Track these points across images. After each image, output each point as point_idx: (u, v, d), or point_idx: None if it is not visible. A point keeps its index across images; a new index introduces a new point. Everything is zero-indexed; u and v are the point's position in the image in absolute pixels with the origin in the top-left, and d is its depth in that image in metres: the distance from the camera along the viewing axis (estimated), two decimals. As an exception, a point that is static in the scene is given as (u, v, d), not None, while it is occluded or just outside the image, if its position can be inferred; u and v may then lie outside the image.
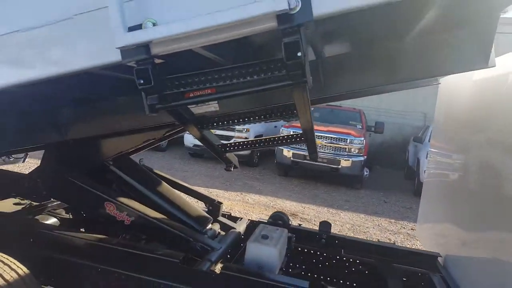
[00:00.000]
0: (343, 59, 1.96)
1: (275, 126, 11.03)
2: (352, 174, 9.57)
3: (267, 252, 2.24)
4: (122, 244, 2.28)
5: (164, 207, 2.57)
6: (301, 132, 2.23)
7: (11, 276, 1.97)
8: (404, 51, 1.81)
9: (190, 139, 10.82)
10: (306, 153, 9.64)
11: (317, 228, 2.99)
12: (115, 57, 1.20)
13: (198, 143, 10.11)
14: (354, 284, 2.82)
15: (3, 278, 1.93)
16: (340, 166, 9.48)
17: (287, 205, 7.52)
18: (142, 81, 1.24)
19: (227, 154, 2.61)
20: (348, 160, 9.45)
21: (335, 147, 9.59)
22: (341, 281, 2.80)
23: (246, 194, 7.93)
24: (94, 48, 1.26)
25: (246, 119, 2.08)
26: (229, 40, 1.14)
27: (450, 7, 1.61)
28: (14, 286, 1.93)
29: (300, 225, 3.22)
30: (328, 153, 9.61)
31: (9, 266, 1.99)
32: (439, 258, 2.71)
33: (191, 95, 1.41)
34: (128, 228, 2.38)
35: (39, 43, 1.32)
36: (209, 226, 2.72)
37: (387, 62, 1.84)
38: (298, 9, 1.03)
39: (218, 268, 2.28)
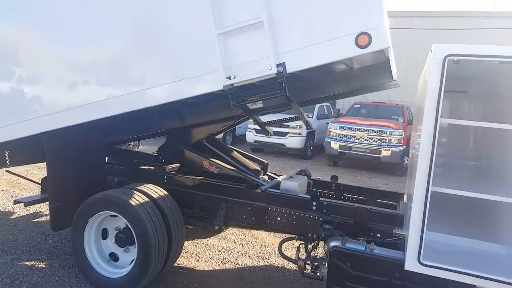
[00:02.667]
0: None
1: (327, 123, 12.60)
2: (392, 162, 10.86)
3: (290, 184, 4.04)
4: (212, 181, 4.21)
5: (234, 164, 4.49)
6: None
7: (159, 195, 3.95)
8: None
9: (251, 136, 12.88)
10: (351, 145, 11.22)
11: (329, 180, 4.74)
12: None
13: (259, 139, 12.15)
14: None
15: (152, 197, 3.86)
16: (381, 155, 10.85)
17: (331, 186, 9.14)
18: (230, 96, 3.06)
19: (267, 127, 4.34)
20: (388, 150, 10.77)
21: (376, 138, 10.96)
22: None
23: (297, 178, 9.71)
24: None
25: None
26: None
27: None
28: (159, 201, 3.86)
29: (319, 178, 4.98)
30: (370, 144, 11.02)
31: (156, 191, 3.95)
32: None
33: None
34: (214, 174, 4.32)
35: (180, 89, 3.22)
36: (261, 176, 4.59)
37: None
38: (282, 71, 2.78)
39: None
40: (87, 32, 3.45)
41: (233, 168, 4.36)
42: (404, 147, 10.83)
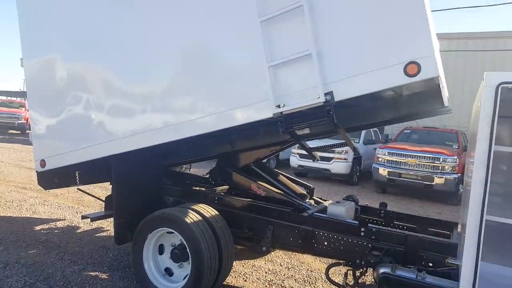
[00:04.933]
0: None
1: (374, 148, 12.36)
2: (446, 191, 10.36)
3: (337, 209, 4.05)
4: (260, 203, 4.33)
5: (281, 187, 4.59)
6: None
7: (211, 215, 4.13)
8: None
9: (295, 161, 12.91)
10: (401, 171, 10.89)
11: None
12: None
13: (303, 163, 12.12)
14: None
15: (205, 216, 4.06)
16: (434, 183, 10.40)
17: (379, 213, 8.88)
18: (279, 123, 3.23)
19: (314, 152, 4.43)
20: (442, 177, 10.32)
21: (429, 165, 10.56)
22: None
23: (343, 204, 9.54)
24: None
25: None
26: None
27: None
28: (211, 221, 4.05)
29: (367, 205, 4.92)
30: (422, 171, 10.63)
31: (208, 211, 4.15)
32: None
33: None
34: (262, 197, 4.44)
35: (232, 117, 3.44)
36: (307, 200, 4.64)
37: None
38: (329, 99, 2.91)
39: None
40: (147, 67, 3.91)
41: (280, 191, 4.46)
42: (459, 174, 10.31)
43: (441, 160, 10.46)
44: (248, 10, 3.21)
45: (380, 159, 11.42)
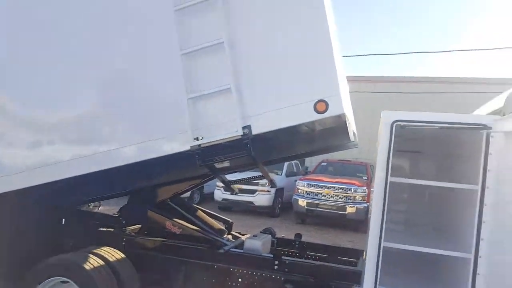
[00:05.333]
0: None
1: (295, 180, 12.80)
2: (357, 219, 11.04)
3: (254, 243, 4.04)
4: (173, 242, 4.12)
5: (198, 223, 4.45)
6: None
7: (116, 259, 3.80)
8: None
9: (219, 194, 12.77)
10: (318, 202, 11.38)
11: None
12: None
13: (227, 197, 11.99)
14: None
15: (108, 262, 3.70)
16: (346, 212, 11.03)
17: (298, 244, 9.09)
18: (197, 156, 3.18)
19: (232, 185, 4.42)
20: (353, 207, 11.01)
21: (342, 195, 11.22)
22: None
23: (265, 236, 9.59)
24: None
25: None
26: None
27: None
28: (116, 266, 3.70)
29: (283, 236, 5.00)
30: (336, 201, 11.23)
31: (113, 255, 3.81)
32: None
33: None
34: (177, 235, 4.26)
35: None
36: (225, 235, 4.56)
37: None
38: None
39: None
40: (59, 95, 3.62)
41: (196, 228, 4.32)
42: (368, 204, 11.09)
43: (352, 190, 11.19)
44: (170, 43, 3.23)
45: (299, 190, 11.84)
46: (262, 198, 12.56)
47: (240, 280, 3.71)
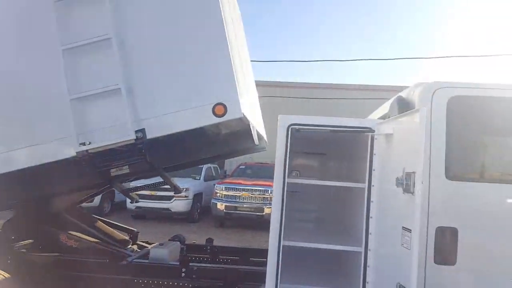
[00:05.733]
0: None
1: (214, 184, 12.70)
2: (275, 219, 11.34)
3: (160, 252, 3.88)
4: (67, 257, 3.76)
5: (98, 235, 4.14)
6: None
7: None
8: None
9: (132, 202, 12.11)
10: (237, 205, 11.44)
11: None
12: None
13: (140, 205, 11.28)
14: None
15: None
16: (264, 213, 11.27)
17: (216, 249, 9.02)
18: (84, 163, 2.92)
19: (131, 194, 4.20)
20: (270, 207, 11.23)
21: (259, 197, 11.44)
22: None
23: (181, 244, 9.34)
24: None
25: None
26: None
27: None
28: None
29: (194, 242, 4.90)
30: (254, 202, 11.42)
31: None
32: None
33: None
34: (75, 249, 3.90)
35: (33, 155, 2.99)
36: (129, 246, 4.31)
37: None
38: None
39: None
40: None
41: (96, 240, 4.02)
42: (284, 204, 11.46)
43: (269, 192, 11.46)
44: (50, 37, 2.91)
45: (218, 194, 11.79)
46: (179, 204, 12.22)
47: (147, 291, 3.53)
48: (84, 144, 2.83)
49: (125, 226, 4.70)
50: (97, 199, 12.05)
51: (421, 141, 2.09)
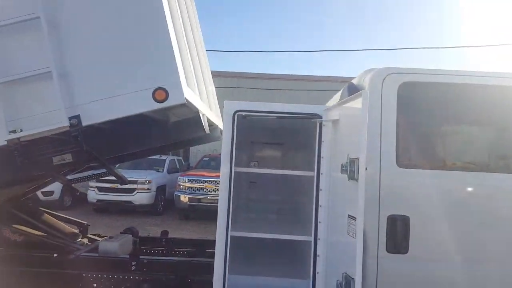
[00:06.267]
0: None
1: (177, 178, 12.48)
2: (240, 210, 11.32)
3: (109, 245, 3.70)
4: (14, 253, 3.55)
5: (45, 229, 3.91)
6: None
7: None
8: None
9: (93, 195, 11.72)
10: (201, 197, 11.29)
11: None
12: None
13: (102, 198, 10.92)
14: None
15: None
16: (229, 205, 11.19)
17: (178, 241, 8.87)
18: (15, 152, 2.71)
19: (74, 185, 4.00)
20: (235, 198, 11.20)
21: (224, 189, 11.33)
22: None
23: (141, 237, 9.11)
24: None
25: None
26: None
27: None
28: None
29: (148, 235, 4.76)
30: (218, 194, 11.27)
31: None
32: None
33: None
34: (19, 243, 3.68)
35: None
36: (79, 239, 4.11)
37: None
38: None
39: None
40: None
41: (42, 234, 3.79)
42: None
43: (234, 183, 11.40)
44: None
45: (181, 186, 11.59)
46: (142, 196, 11.95)
47: (95, 285, 3.40)
48: (14, 132, 2.62)
49: (74, 219, 4.48)
50: (57, 192, 11.62)
51: (363, 125, 2.06)
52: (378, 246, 2.59)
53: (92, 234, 4.46)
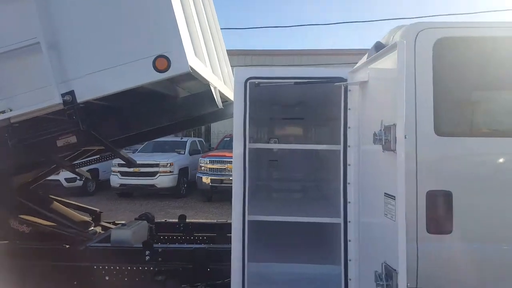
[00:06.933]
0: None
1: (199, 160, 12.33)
2: (263, 190, 11.07)
3: (122, 233, 3.48)
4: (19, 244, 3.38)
5: (55, 218, 3.72)
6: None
7: None
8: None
9: (116, 180, 11.72)
10: (222, 178, 11.08)
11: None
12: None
13: (125, 182, 10.83)
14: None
15: None
16: (251, 185, 10.95)
17: (201, 225, 8.74)
18: (6, 134, 2.48)
19: (78, 170, 3.78)
20: (258, 178, 10.95)
21: (246, 169, 11.07)
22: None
23: (165, 220, 9.02)
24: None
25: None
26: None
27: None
28: None
29: (166, 220, 4.52)
30: (241, 175, 11.05)
31: None
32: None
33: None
34: (28, 234, 3.50)
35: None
36: (91, 228, 3.90)
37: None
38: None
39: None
40: None
41: (52, 223, 3.60)
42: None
43: (256, 162, 11.12)
44: None
45: (203, 167, 11.40)
46: (164, 179, 11.86)
47: (107, 278, 3.18)
48: (3, 112, 2.35)
49: (87, 206, 4.28)
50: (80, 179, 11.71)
51: (401, 84, 1.65)
52: (417, 226, 2.23)
53: (106, 222, 4.26)
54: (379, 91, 2.02)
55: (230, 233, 4.09)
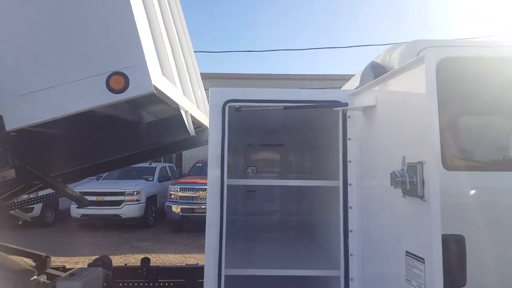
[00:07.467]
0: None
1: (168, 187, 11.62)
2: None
3: (70, 286, 2.86)
4: None
5: (-14, 267, 3.04)
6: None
7: None
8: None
9: (76, 210, 10.77)
10: (194, 206, 10.42)
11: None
12: None
13: (86, 212, 9.95)
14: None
15: None
16: (224, 214, 10.33)
17: (170, 259, 8.01)
18: None
19: (13, 212, 3.18)
20: (232, 207, 10.37)
21: (219, 197, 10.48)
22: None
23: (130, 256, 8.21)
24: None
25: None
26: None
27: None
28: None
29: (126, 264, 3.89)
30: (213, 203, 10.43)
31: None
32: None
33: None
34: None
35: None
36: (34, 277, 3.23)
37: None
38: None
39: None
40: None
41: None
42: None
43: (230, 190, 10.56)
44: None
45: (173, 195, 10.70)
46: (130, 209, 11.03)
47: None
48: None
49: (30, 251, 3.59)
50: (37, 208, 10.69)
51: (431, 107, 1.26)
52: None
53: (54, 267, 3.59)
54: (393, 117, 1.63)
55: (202, 279, 3.57)
